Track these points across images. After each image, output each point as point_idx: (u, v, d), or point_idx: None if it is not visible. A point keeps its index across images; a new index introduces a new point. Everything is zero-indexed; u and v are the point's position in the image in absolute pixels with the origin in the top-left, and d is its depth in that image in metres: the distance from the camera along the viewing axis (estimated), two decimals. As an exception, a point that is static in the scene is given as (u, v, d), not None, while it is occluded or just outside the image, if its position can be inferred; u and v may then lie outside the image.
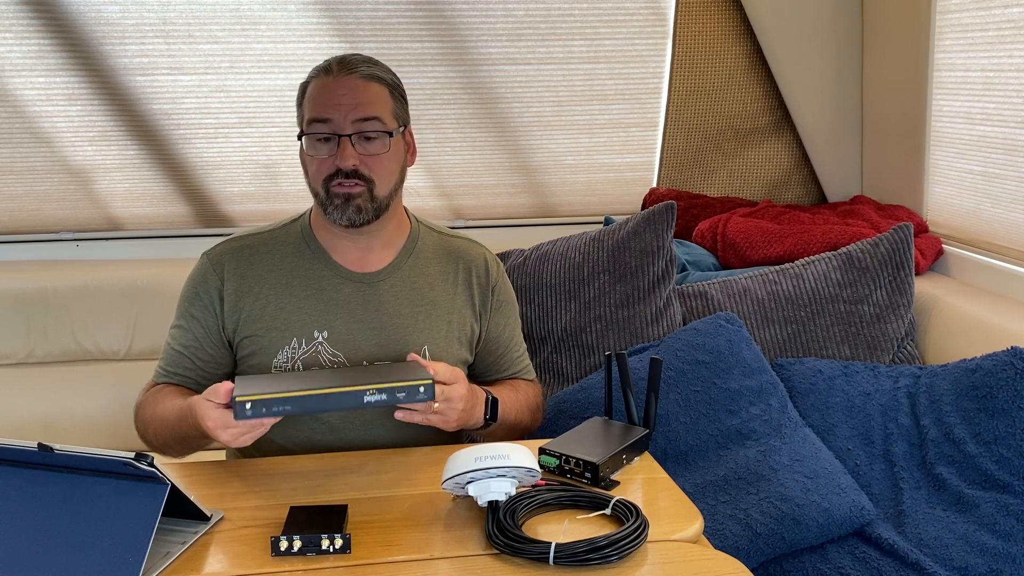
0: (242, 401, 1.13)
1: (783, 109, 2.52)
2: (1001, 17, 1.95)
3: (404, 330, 1.49)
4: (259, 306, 1.48)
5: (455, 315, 1.54)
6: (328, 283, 1.49)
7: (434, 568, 1.04)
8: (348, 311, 1.48)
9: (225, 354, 1.51)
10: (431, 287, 1.53)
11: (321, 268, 1.50)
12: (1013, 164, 1.98)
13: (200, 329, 1.49)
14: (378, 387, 1.16)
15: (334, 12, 2.28)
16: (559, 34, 2.39)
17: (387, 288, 1.51)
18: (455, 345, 1.53)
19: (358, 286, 1.50)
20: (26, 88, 2.24)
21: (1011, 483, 1.51)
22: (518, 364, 1.63)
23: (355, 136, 1.41)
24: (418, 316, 1.51)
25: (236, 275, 1.49)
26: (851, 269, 1.97)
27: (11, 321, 2.13)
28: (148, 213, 2.42)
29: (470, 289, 1.56)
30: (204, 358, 1.49)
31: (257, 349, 1.47)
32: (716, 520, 1.50)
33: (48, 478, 1.05)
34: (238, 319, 1.48)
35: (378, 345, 1.48)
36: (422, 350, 1.49)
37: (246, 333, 1.48)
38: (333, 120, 1.40)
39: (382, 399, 1.17)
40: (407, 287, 1.52)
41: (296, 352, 1.46)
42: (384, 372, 1.26)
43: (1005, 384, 1.57)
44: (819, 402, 1.74)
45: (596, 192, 2.60)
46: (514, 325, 1.63)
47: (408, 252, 1.54)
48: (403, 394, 1.17)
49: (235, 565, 1.04)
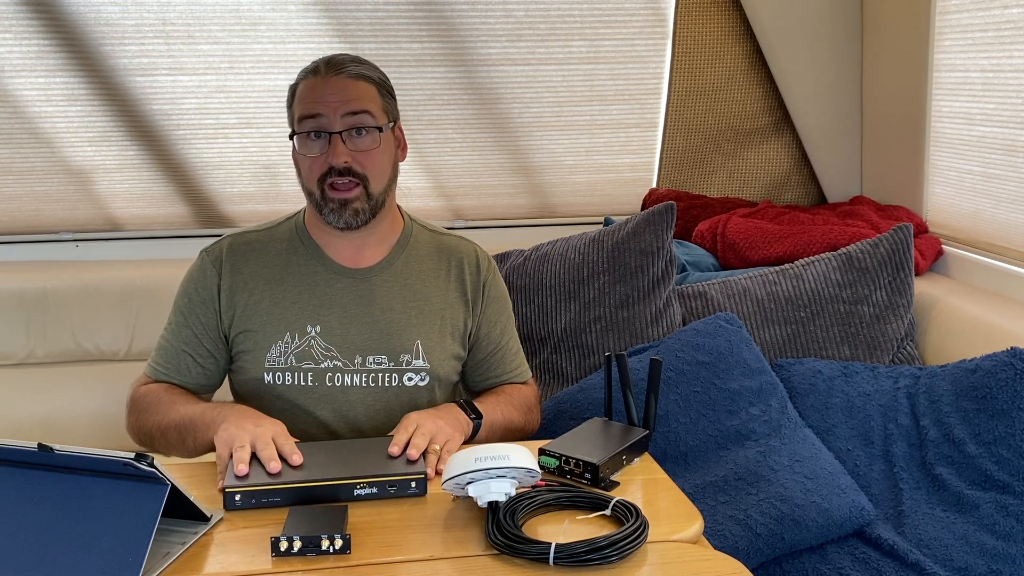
0: (231, 492, 1.15)
1: (783, 110, 2.52)
2: (1001, 18, 1.96)
3: (396, 325, 1.51)
4: (253, 301, 1.49)
5: (447, 310, 1.55)
6: (321, 278, 1.51)
7: (434, 568, 1.04)
8: (341, 306, 1.50)
9: (223, 350, 1.52)
10: (423, 283, 1.54)
11: (314, 264, 1.51)
12: (1013, 165, 1.98)
13: (199, 325, 1.50)
14: (369, 481, 1.18)
15: (334, 12, 2.28)
16: (559, 34, 2.40)
17: (380, 283, 1.52)
18: (447, 340, 1.54)
19: (351, 281, 1.51)
20: (26, 88, 2.24)
21: (1011, 483, 1.51)
22: (511, 364, 1.63)
23: (345, 133, 1.42)
24: (410, 311, 1.52)
25: (232, 272, 1.51)
26: (851, 270, 1.97)
27: (11, 321, 2.13)
28: (148, 214, 2.42)
29: (462, 285, 1.57)
30: (203, 354, 1.51)
31: (251, 344, 1.49)
32: (716, 520, 1.50)
33: (48, 478, 1.05)
34: (233, 315, 1.50)
35: (371, 339, 1.49)
36: (415, 345, 1.50)
37: (240, 328, 1.49)
38: (323, 116, 1.42)
39: (373, 492, 1.19)
40: (400, 283, 1.53)
41: (289, 347, 1.47)
42: (375, 453, 1.26)
43: (1005, 384, 1.57)
44: (819, 402, 1.74)
45: (596, 193, 2.60)
46: (506, 322, 1.63)
47: (401, 248, 1.55)
48: (394, 488, 1.19)
49: (235, 565, 1.04)
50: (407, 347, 1.50)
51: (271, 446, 1.22)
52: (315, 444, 1.32)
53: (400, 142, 1.55)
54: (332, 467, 1.22)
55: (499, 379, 1.62)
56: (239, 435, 1.24)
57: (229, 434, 1.25)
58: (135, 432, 1.48)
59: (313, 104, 1.43)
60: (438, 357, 1.52)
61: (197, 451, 1.39)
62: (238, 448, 1.21)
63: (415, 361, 1.51)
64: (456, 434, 1.36)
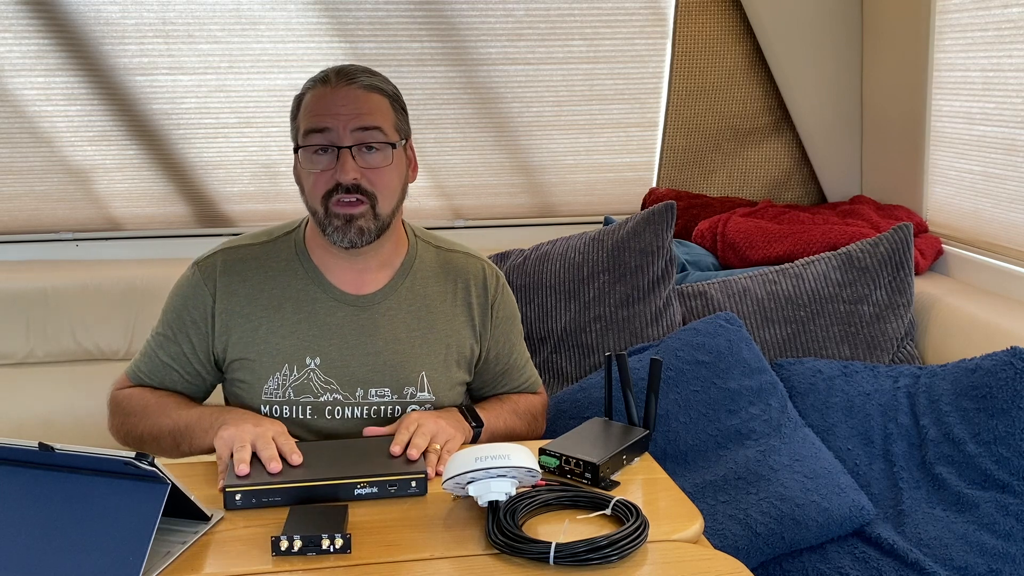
0: (232, 492, 1.15)
1: (783, 109, 2.52)
2: (1001, 17, 1.96)
3: (400, 355, 1.44)
4: (250, 329, 1.42)
5: (453, 337, 1.49)
6: (321, 306, 1.43)
7: (434, 568, 1.04)
8: (342, 337, 1.43)
9: (212, 371, 1.47)
10: (429, 309, 1.48)
11: (314, 289, 1.44)
12: (1013, 164, 1.98)
13: (188, 344, 1.44)
14: (369, 480, 1.18)
15: (334, 12, 2.28)
16: (559, 34, 2.40)
17: (383, 312, 1.45)
18: (453, 368, 1.49)
19: (352, 310, 1.44)
20: (26, 88, 2.24)
21: (1011, 483, 1.51)
22: (519, 378, 1.59)
23: (355, 148, 1.35)
24: (415, 341, 1.46)
25: (227, 292, 1.43)
26: (851, 269, 1.97)
27: (11, 321, 2.13)
28: (148, 213, 2.42)
29: (469, 309, 1.50)
30: (191, 372, 1.46)
31: (247, 374, 1.43)
32: (716, 520, 1.50)
33: (49, 478, 1.05)
34: (227, 340, 1.43)
35: (373, 371, 1.43)
36: (419, 377, 1.45)
37: (236, 356, 1.43)
38: (331, 130, 1.34)
39: (373, 492, 1.19)
40: (404, 310, 1.46)
41: (288, 379, 1.41)
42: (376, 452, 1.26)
43: (1005, 384, 1.57)
44: (819, 402, 1.74)
45: (596, 192, 2.60)
46: (516, 339, 1.58)
47: (405, 272, 1.48)
48: (394, 487, 1.19)
49: (235, 565, 1.04)
50: (411, 379, 1.45)
51: (272, 446, 1.21)
52: (315, 444, 1.31)
53: (411, 162, 1.46)
54: (332, 467, 1.21)
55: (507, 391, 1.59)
56: (239, 435, 1.23)
57: (229, 434, 1.24)
58: (121, 435, 1.44)
59: (321, 117, 1.34)
60: (443, 388, 1.47)
61: (192, 455, 1.37)
62: (239, 448, 1.21)
63: (420, 394, 1.45)
64: (457, 434, 1.34)
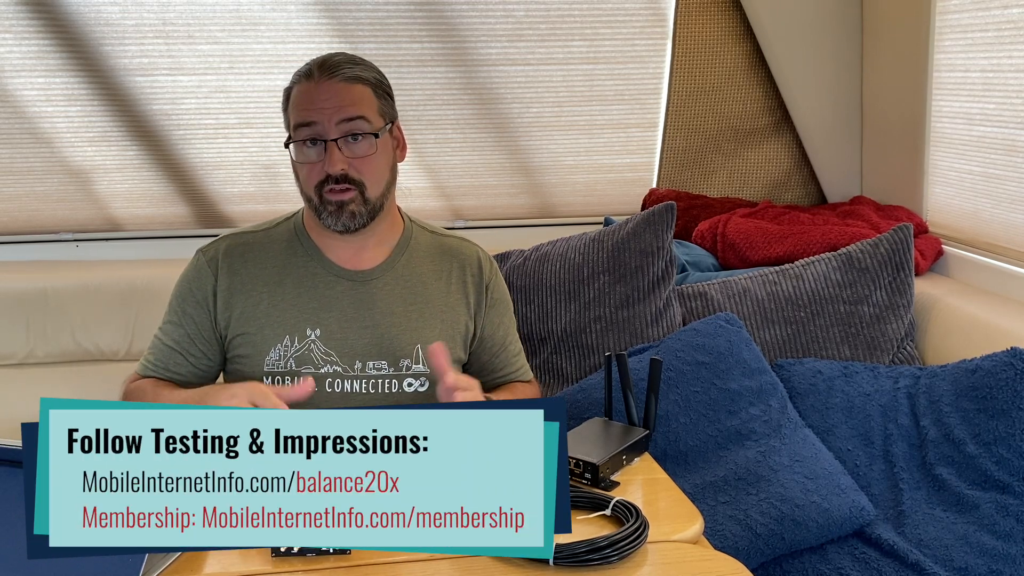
0: None
1: (783, 110, 2.52)
2: (1001, 18, 1.95)
3: (397, 328, 1.49)
4: (251, 304, 1.48)
5: (448, 313, 1.54)
6: (321, 280, 1.49)
7: (434, 568, 1.04)
8: (340, 309, 1.49)
9: (217, 351, 1.51)
10: (424, 285, 1.53)
11: (314, 266, 1.50)
12: (1013, 165, 1.98)
13: (193, 326, 1.50)
14: None
15: (334, 12, 2.28)
16: (559, 35, 2.39)
17: (380, 286, 1.51)
18: (448, 343, 1.52)
19: (351, 284, 1.50)
20: (26, 88, 2.24)
21: (1011, 483, 1.51)
22: (514, 364, 1.63)
23: (341, 140, 1.40)
24: (411, 315, 1.51)
25: (229, 272, 1.49)
26: (851, 270, 1.97)
27: (11, 321, 2.13)
28: (148, 214, 2.42)
29: (464, 287, 1.56)
30: (196, 354, 1.50)
31: (249, 348, 1.47)
32: (716, 521, 1.50)
33: (48, 478, 1.05)
34: (230, 316, 1.48)
35: (371, 344, 1.48)
36: (415, 349, 1.49)
37: (238, 331, 1.48)
38: (318, 123, 1.40)
39: None
40: (400, 285, 1.52)
41: (288, 350, 1.46)
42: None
43: (1005, 384, 1.57)
44: (819, 403, 1.74)
45: (596, 193, 2.60)
46: (509, 324, 1.63)
47: (401, 250, 1.54)
48: None
49: (235, 565, 1.04)
50: (407, 352, 1.49)
51: (270, 396, 1.20)
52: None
53: (399, 142, 1.52)
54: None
55: (502, 379, 1.62)
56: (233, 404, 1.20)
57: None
58: None
59: (307, 112, 1.41)
60: None
61: None
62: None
63: (415, 366, 1.49)
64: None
